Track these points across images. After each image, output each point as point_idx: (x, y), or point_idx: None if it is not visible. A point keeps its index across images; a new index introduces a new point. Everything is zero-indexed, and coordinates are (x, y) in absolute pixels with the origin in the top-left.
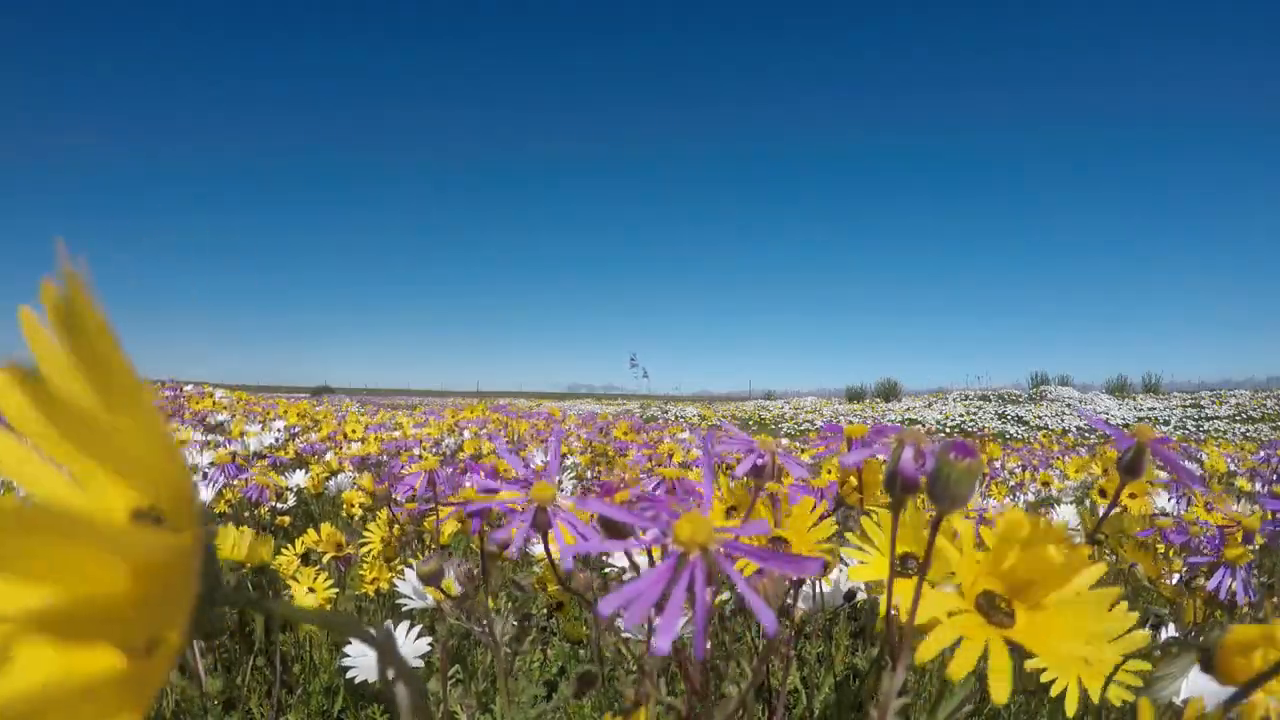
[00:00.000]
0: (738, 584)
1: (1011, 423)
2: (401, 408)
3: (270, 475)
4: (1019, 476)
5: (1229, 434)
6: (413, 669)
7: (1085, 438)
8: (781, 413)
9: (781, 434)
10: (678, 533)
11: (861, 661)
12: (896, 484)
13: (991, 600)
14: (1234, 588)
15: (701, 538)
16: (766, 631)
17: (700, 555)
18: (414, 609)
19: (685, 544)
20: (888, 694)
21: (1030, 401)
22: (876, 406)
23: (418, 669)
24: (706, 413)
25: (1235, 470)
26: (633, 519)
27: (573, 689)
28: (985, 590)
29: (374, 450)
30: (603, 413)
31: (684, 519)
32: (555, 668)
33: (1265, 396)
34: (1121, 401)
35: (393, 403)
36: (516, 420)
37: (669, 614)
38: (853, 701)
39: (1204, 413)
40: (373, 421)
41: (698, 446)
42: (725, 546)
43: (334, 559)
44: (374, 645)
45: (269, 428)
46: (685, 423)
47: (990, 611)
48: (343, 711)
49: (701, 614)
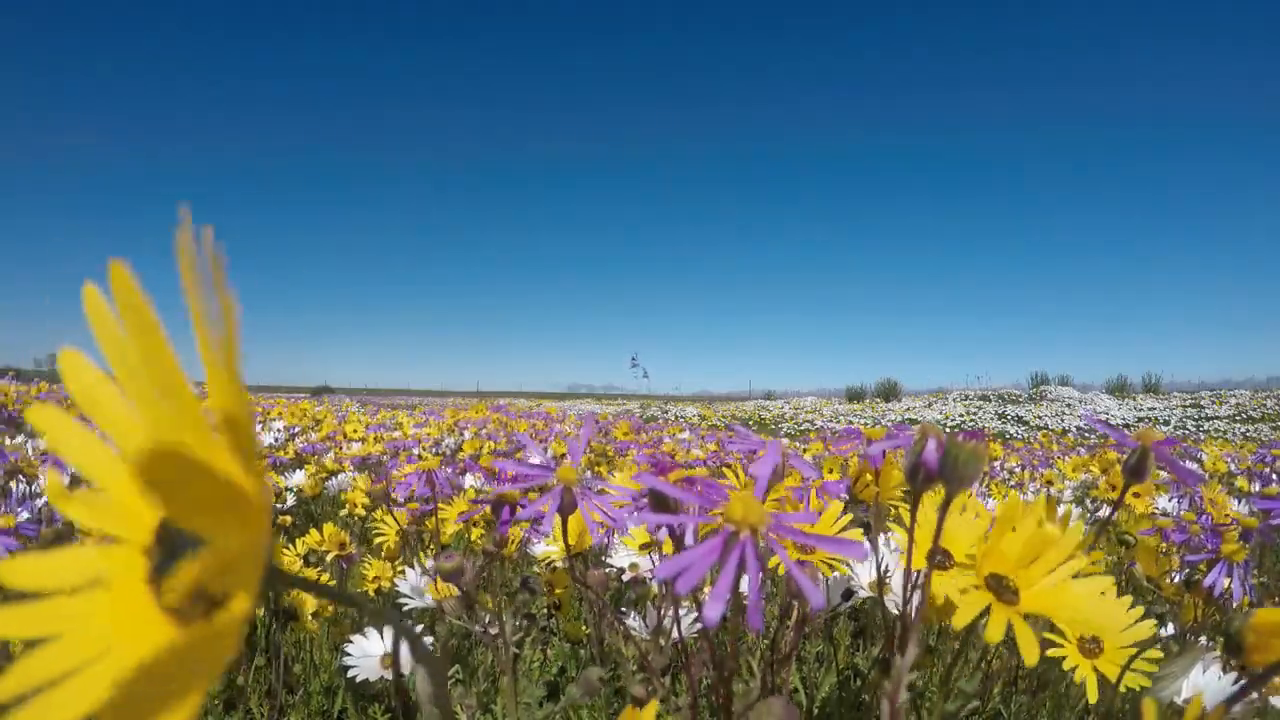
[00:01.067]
0: (786, 564)
1: (1011, 423)
2: (401, 408)
3: (270, 475)
4: (1019, 476)
5: (1229, 434)
6: (434, 655)
7: (1085, 438)
8: (781, 413)
9: (781, 434)
10: (731, 512)
11: (862, 661)
12: (919, 474)
13: (1000, 580)
14: (1230, 585)
15: (754, 518)
16: (813, 607)
17: (750, 535)
18: (414, 608)
19: (737, 523)
20: (900, 669)
21: (1030, 401)
22: (876, 406)
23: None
24: (706, 413)
25: (1235, 470)
26: (687, 496)
27: (578, 689)
28: (992, 572)
29: (374, 450)
30: (602, 413)
31: (736, 499)
32: (555, 668)
33: (1265, 396)
34: (1121, 401)
35: (393, 403)
36: (516, 420)
37: (721, 585)
38: (853, 701)
39: (1204, 413)
40: (373, 421)
41: (697, 446)
42: (774, 529)
43: (337, 558)
44: (401, 632)
45: (268, 428)
46: (685, 423)
47: (1000, 590)
48: (343, 712)
49: (755, 587)
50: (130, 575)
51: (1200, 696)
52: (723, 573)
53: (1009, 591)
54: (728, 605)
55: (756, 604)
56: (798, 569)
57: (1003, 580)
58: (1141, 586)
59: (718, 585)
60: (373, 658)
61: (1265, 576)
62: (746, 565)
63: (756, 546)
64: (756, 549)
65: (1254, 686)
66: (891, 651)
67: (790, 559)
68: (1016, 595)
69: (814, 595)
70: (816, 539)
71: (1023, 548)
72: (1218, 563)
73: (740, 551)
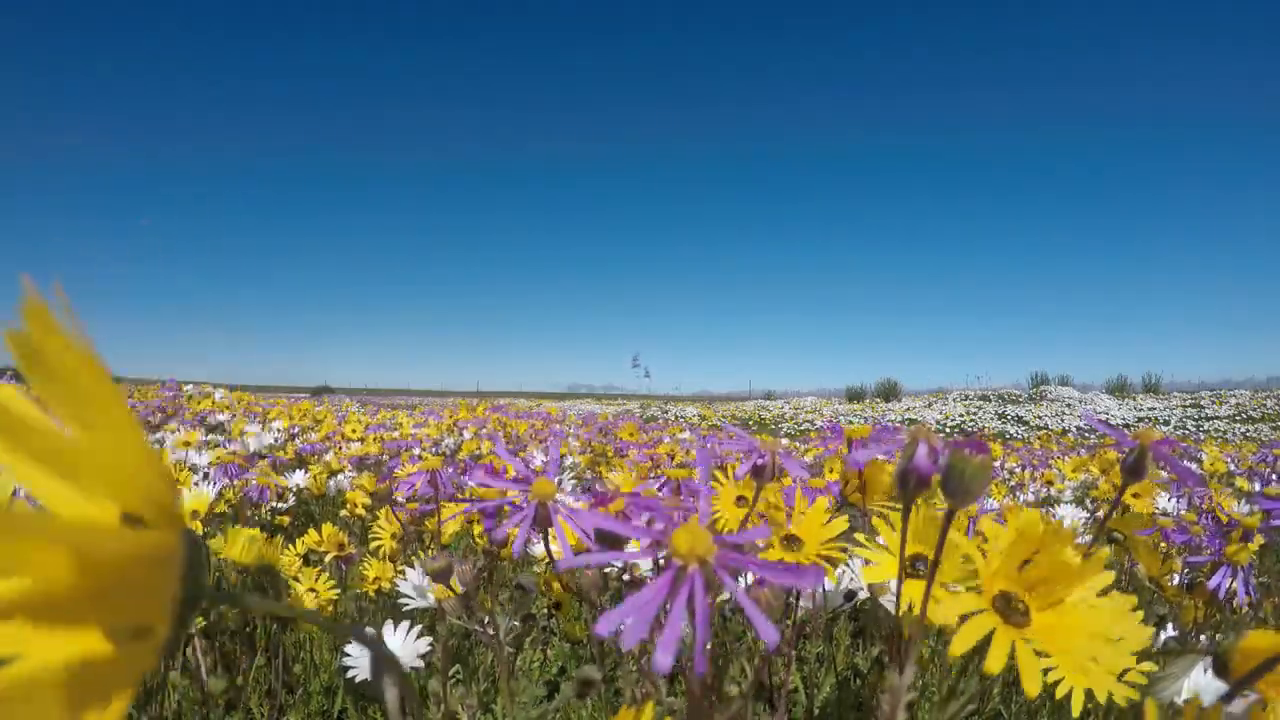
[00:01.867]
0: (736, 596)
1: (1011, 423)
2: (401, 408)
3: (271, 475)
4: (1019, 476)
5: (1229, 434)
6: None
7: (1085, 438)
8: (781, 413)
9: (781, 434)
10: (676, 545)
11: (862, 661)
12: (910, 481)
13: (1009, 601)
14: (1234, 587)
15: (700, 550)
16: (766, 643)
17: (699, 568)
18: (415, 609)
19: (684, 556)
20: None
21: (1030, 401)
22: (876, 406)
23: (417, 668)
24: (706, 413)
25: (1235, 470)
26: (628, 531)
27: (575, 689)
28: (1002, 591)
29: (374, 450)
30: (602, 413)
31: (681, 530)
32: (555, 668)
33: (1265, 396)
34: (1121, 401)
35: (393, 403)
36: (516, 420)
37: (669, 631)
38: (853, 701)
39: (1204, 413)
40: (373, 421)
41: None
42: (724, 558)
43: (336, 558)
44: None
45: (268, 428)
46: (685, 423)
47: (1008, 612)
48: (343, 712)
49: (702, 629)
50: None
51: (1198, 696)
52: (670, 614)
53: (1018, 613)
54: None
55: (703, 645)
56: (750, 603)
57: (1012, 599)
58: (1143, 587)
59: (666, 629)
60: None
61: (1266, 576)
62: (695, 601)
63: (705, 580)
64: (705, 583)
65: (1240, 688)
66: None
67: (741, 590)
68: (1027, 616)
69: (766, 632)
70: (767, 568)
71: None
72: (1221, 565)
73: (689, 587)
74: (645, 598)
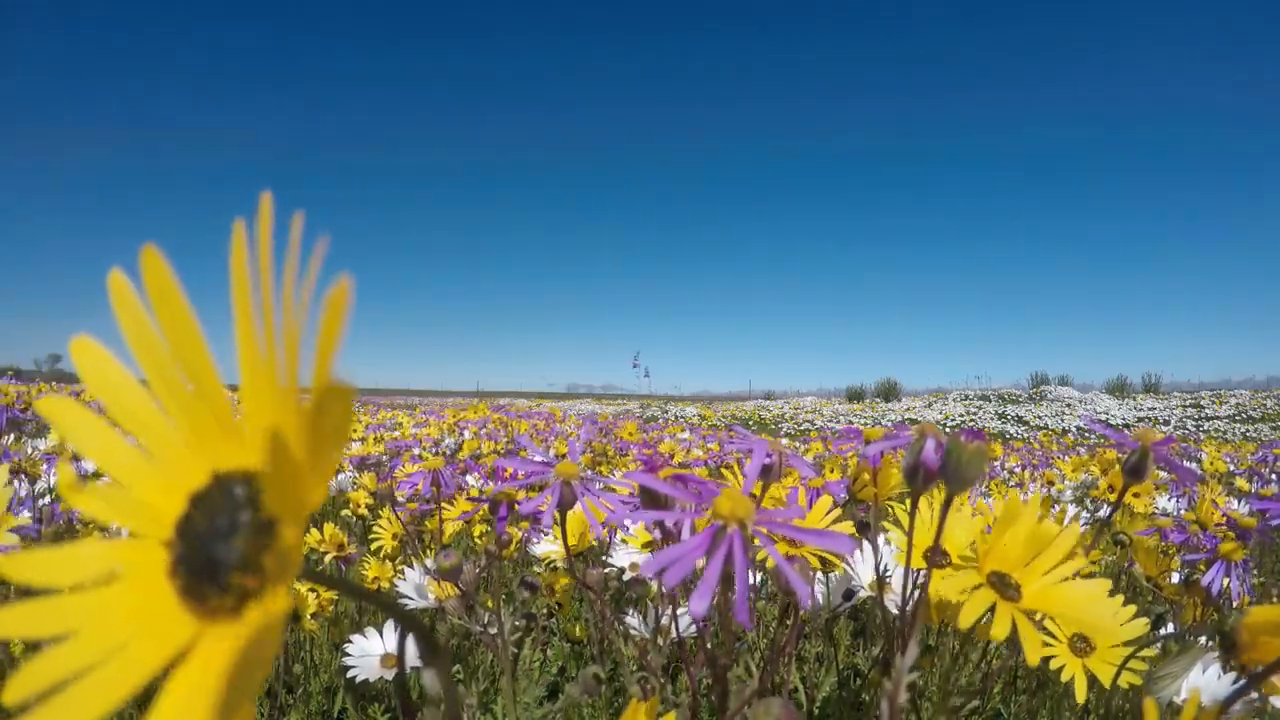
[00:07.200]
0: (774, 558)
1: (1011, 423)
2: (401, 408)
3: None
4: (1019, 476)
5: (1229, 434)
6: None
7: (1085, 438)
8: (781, 413)
9: (781, 434)
10: (718, 506)
11: (862, 661)
12: (919, 474)
13: (1002, 578)
14: (1228, 584)
15: (741, 512)
16: (800, 603)
17: (739, 529)
18: (415, 608)
19: (725, 517)
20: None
21: (1030, 401)
22: (876, 406)
23: (417, 668)
24: (706, 413)
25: (1235, 470)
26: (676, 492)
27: (577, 688)
28: (994, 570)
29: (374, 450)
30: (603, 413)
31: (724, 494)
32: (555, 668)
33: (1265, 396)
34: (1121, 401)
35: (392, 403)
36: (517, 420)
37: (707, 577)
38: (854, 700)
39: (1204, 413)
40: (373, 421)
41: (698, 446)
42: (763, 520)
43: (336, 558)
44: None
45: None
46: (685, 423)
47: (1003, 588)
48: (343, 712)
49: (742, 583)
50: (148, 569)
51: (1197, 695)
52: (709, 566)
53: (1011, 589)
54: (715, 599)
55: (744, 598)
56: (786, 563)
57: (1005, 578)
58: (1141, 586)
59: (704, 578)
60: (373, 658)
61: (1264, 576)
62: (734, 559)
63: (744, 540)
64: (744, 542)
65: (1252, 685)
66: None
67: (779, 553)
68: (1019, 592)
69: (801, 589)
70: (803, 532)
71: (1024, 545)
72: (1215, 562)
73: (727, 545)
74: (686, 548)
